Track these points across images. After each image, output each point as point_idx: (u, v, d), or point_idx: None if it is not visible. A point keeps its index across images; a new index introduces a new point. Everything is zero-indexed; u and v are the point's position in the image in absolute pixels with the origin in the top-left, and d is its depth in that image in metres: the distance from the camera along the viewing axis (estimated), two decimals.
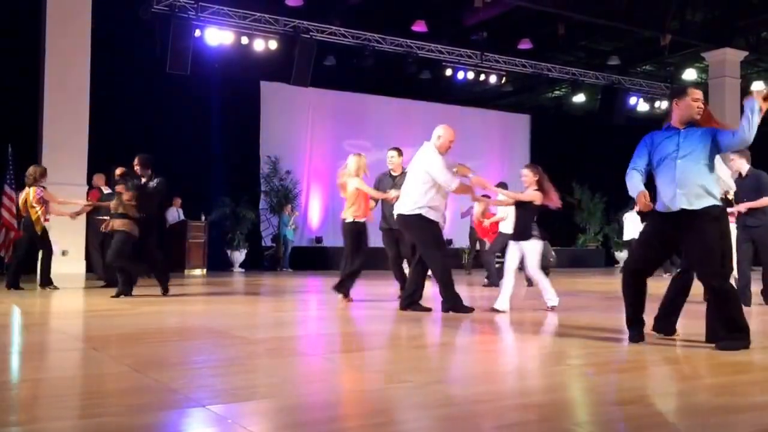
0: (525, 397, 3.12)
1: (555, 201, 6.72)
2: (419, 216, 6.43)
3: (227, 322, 5.71)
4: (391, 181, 7.80)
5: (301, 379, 3.63)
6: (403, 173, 7.57)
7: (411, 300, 6.63)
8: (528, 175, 6.74)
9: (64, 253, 13.16)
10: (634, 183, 4.59)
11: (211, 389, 3.32)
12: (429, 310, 6.56)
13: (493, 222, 11.15)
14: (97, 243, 10.54)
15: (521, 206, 6.76)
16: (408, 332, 5.57)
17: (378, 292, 8.99)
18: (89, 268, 13.37)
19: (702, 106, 4.55)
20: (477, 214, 11.65)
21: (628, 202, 14.37)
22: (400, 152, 8.00)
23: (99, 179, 11.44)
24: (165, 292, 8.21)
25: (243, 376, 3.60)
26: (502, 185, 13.45)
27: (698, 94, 4.56)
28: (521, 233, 6.70)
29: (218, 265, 15.92)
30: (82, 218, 13.27)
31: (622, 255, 20.73)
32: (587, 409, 2.89)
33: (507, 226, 10.63)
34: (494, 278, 10.36)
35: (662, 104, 20.71)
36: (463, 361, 4.23)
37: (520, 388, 3.33)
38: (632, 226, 14.55)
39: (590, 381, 3.51)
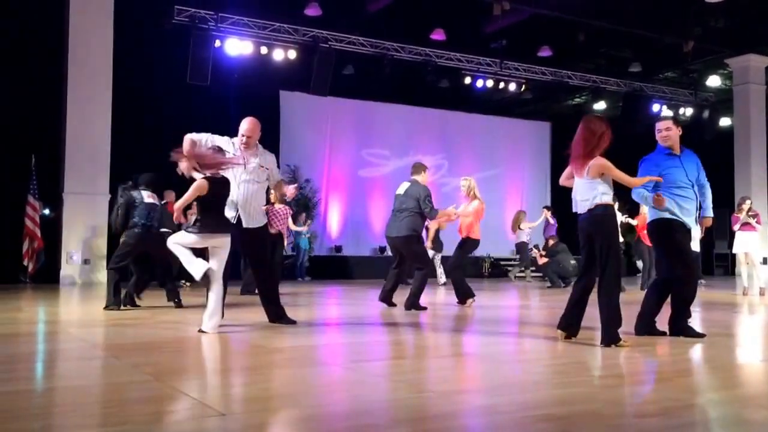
0: (546, 408, 3.08)
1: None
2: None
3: (246, 331, 5.71)
4: None
5: (321, 388, 3.61)
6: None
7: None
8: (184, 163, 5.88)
9: (86, 261, 13.30)
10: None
11: (231, 398, 3.32)
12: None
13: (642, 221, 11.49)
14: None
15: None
16: (430, 342, 5.53)
17: (400, 300, 8.94)
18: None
19: (666, 134, 5.56)
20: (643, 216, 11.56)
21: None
22: None
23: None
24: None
25: (262, 385, 3.59)
26: (547, 208, 14.11)
27: (660, 124, 5.58)
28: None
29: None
30: (104, 227, 13.45)
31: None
32: (609, 421, 2.84)
33: None
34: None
35: (686, 111, 20.47)
36: (485, 371, 4.19)
37: (541, 399, 3.28)
38: None
39: (613, 393, 3.45)
